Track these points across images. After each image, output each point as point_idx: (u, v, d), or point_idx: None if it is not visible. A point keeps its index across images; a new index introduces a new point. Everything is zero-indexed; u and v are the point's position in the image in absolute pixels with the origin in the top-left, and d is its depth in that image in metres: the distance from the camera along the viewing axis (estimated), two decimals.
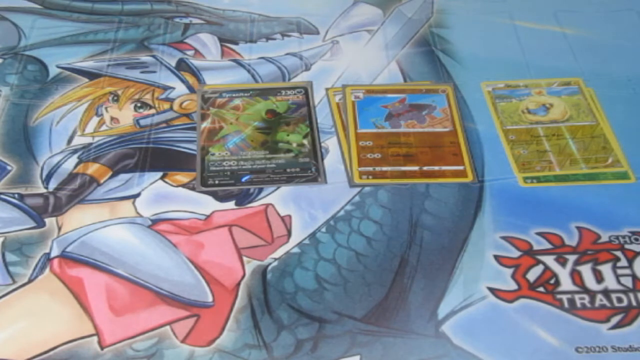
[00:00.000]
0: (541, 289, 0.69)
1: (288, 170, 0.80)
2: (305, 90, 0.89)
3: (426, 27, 1.00)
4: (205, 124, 0.85)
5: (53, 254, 0.72)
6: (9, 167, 0.80)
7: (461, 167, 0.80)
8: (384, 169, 0.80)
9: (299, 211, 0.76)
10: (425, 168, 0.80)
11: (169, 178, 0.80)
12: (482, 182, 0.79)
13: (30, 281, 0.70)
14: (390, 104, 0.88)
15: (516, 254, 0.72)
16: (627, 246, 0.72)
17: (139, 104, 0.88)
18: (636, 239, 0.72)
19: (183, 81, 0.91)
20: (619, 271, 0.70)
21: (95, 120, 0.86)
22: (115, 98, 0.89)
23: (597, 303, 0.68)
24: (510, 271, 0.70)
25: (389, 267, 0.71)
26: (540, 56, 0.94)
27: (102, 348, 0.65)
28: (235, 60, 0.95)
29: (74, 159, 0.81)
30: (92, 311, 0.67)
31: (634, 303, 0.68)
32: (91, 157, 0.81)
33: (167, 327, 0.66)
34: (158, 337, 0.66)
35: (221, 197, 0.77)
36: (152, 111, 0.87)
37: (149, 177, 0.80)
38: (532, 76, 0.92)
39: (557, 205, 0.76)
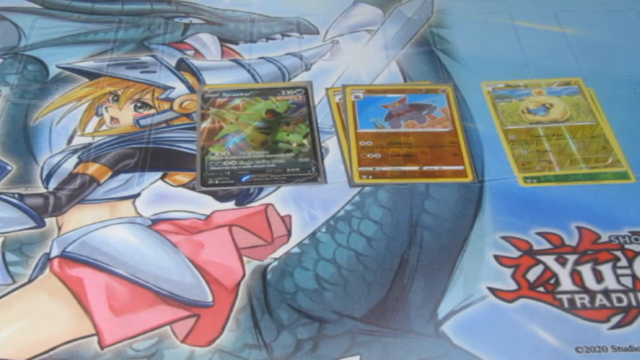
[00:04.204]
0: (541, 288, 0.69)
1: (288, 170, 0.80)
2: (305, 90, 0.89)
3: (426, 27, 1.00)
4: (205, 124, 0.85)
5: (53, 254, 0.72)
6: (9, 167, 0.80)
7: (461, 167, 0.80)
8: (384, 168, 0.80)
9: (299, 211, 0.76)
10: (425, 168, 0.80)
11: (169, 178, 0.80)
12: (482, 182, 0.79)
13: (30, 281, 0.70)
14: (390, 104, 0.88)
15: (516, 253, 0.72)
16: (627, 246, 0.72)
17: (139, 104, 0.88)
18: (636, 239, 0.72)
19: (183, 81, 0.91)
20: (619, 271, 0.70)
21: (95, 120, 0.86)
22: (115, 98, 0.89)
23: (597, 303, 0.68)
24: (510, 271, 0.70)
25: (389, 267, 0.71)
26: (540, 56, 0.94)
27: (102, 348, 0.65)
28: (235, 60, 0.95)
29: (74, 159, 0.81)
30: (92, 311, 0.67)
31: (634, 303, 0.68)
32: (91, 157, 0.81)
33: (167, 327, 0.66)
34: (158, 337, 0.66)
35: (221, 197, 0.77)
36: (152, 111, 0.87)
37: (149, 177, 0.80)
38: (532, 76, 0.92)
39: (557, 205, 0.76)
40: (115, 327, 0.66)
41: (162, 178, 0.80)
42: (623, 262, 0.71)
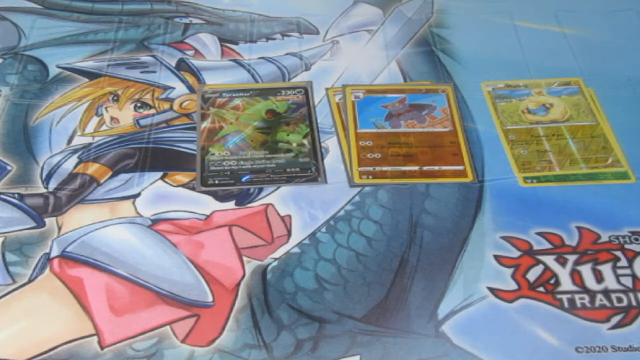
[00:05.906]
0: (541, 288, 0.69)
1: (288, 170, 0.80)
2: (305, 90, 0.89)
3: (426, 27, 1.00)
4: (205, 124, 0.85)
5: (53, 254, 0.72)
6: (9, 167, 0.80)
7: (461, 167, 0.80)
8: (384, 168, 0.80)
9: (299, 211, 0.76)
10: (425, 168, 0.80)
11: (169, 178, 0.80)
12: (482, 182, 0.79)
13: (30, 281, 0.70)
14: (390, 104, 0.88)
15: (516, 254, 0.72)
16: (627, 246, 0.72)
17: (139, 104, 0.88)
18: (636, 239, 0.72)
19: (183, 81, 0.91)
20: (619, 271, 0.70)
21: (95, 120, 0.86)
22: (115, 98, 0.89)
23: (597, 303, 0.68)
24: (510, 271, 0.70)
25: (389, 267, 0.71)
26: (540, 56, 0.94)
27: (102, 348, 0.65)
28: (235, 60, 0.95)
29: (74, 159, 0.81)
30: (92, 311, 0.67)
31: (634, 303, 0.68)
32: (91, 157, 0.81)
33: (167, 327, 0.66)
34: (158, 337, 0.66)
35: (221, 197, 0.77)
36: (152, 111, 0.87)
37: (149, 177, 0.80)
38: (532, 76, 0.92)
39: (557, 205, 0.76)
40: (115, 327, 0.66)
41: (162, 178, 0.80)
42: (623, 262, 0.71)
